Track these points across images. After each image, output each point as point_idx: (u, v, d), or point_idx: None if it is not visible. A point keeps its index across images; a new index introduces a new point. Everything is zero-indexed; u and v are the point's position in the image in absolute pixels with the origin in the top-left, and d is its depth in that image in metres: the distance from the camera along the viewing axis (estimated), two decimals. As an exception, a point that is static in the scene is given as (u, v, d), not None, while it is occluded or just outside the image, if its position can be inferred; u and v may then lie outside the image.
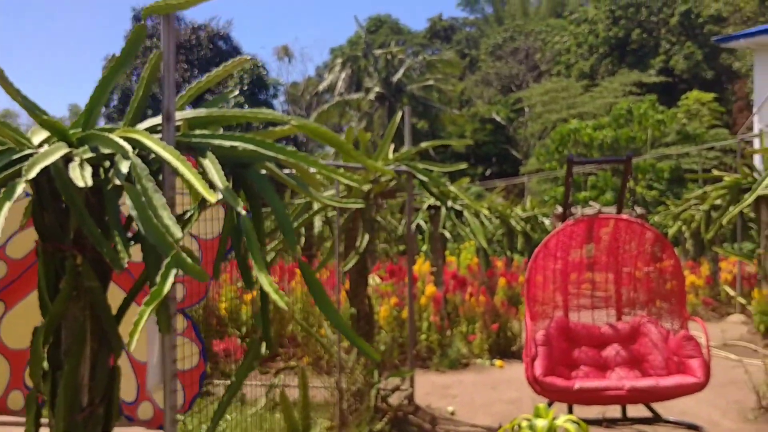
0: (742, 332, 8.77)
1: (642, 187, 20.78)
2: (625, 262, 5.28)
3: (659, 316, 5.16)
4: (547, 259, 5.16)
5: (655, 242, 5.03)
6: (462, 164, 5.56)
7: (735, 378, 6.80)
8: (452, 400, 6.36)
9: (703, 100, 27.41)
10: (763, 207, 8.06)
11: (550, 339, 4.97)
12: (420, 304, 7.96)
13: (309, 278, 2.65)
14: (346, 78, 40.25)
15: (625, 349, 5.14)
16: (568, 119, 29.08)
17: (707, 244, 11.41)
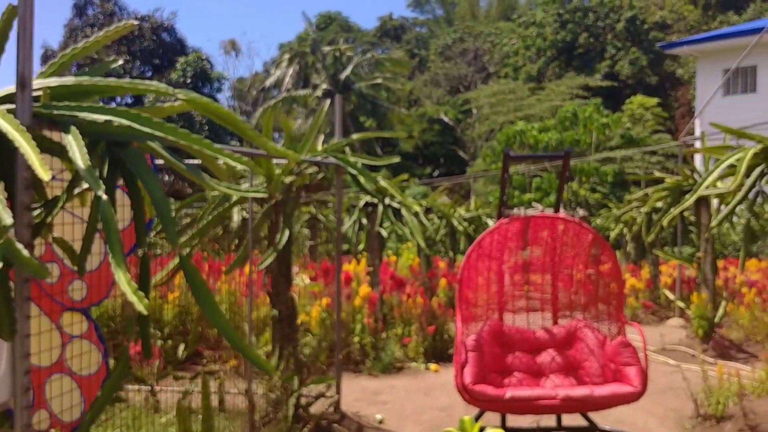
0: (681, 336, 8.67)
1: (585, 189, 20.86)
2: (562, 264, 5.02)
3: (597, 321, 4.91)
4: (480, 259, 4.86)
5: (594, 244, 4.78)
6: (394, 158, 5.22)
7: (673, 384, 6.63)
8: (382, 407, 6.02)
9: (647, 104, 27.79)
10: (704, 210, 7.96)
11: (482, 344, 4.67)
12: (354, 305, 7.61)
13: (191, 275, 2.27)
14: (293, 74, 39.69)
15: (560, 355, 4.87)
16: (515, 121, 29.16)
17: (648, 247, 11.35)
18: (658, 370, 7.26)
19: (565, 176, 4.79)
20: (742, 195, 4.83)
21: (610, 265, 4.75)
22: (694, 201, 5.14)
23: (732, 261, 16.52)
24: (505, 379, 4.74)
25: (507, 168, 4.78)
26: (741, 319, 8.71)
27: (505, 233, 4.87)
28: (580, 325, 4.91)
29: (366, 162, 5.26)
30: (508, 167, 4.78)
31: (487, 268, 4.97)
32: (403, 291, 8.46)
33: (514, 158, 4.76)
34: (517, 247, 5.02)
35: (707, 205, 7.76)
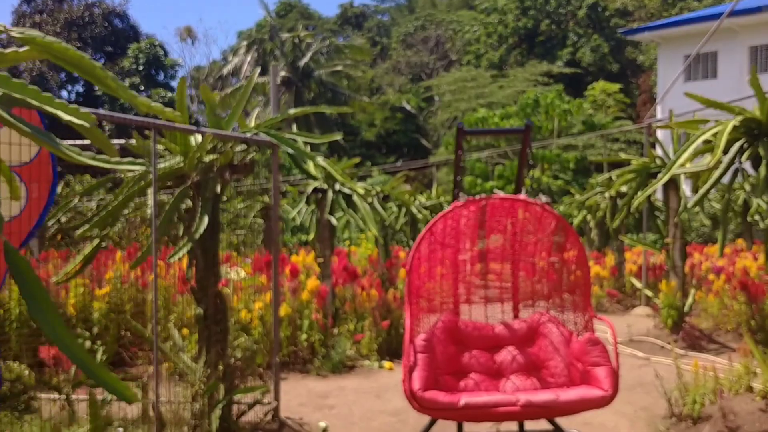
0: (648, 326, 8.26)
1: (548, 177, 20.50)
2: (524, 251, 4.50)
3: (561, 314, 4.40)
4: (432, 247, 4.31)
5: (558, 229, 4.27)
6: (337, 135, 4.64)
7: (643, 379, 6.19)
8: (328, 413, 5.45)
9: (609, 90, 27.59)
10: (672, 193, 7.53)
11: (435, 343, 4.13)
12: (301, 299, 7.02)
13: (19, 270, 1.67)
14: (251, 61, 38.72)
15: (521, 353, 4.35)
16: (477, 108, 28.73)
17: (613, 234, 10.95)
18: (626, 364, 6.81)
19: (526, 153, 4.26)
20: (720, 173, 4.35)
21: (576, 252, 4.24)
22: (664, 182, 4.64)
23: (696, 247, 16.29)
24: (461, 382, 4.21)
25: (461, 144, 4.23)
26: (710, 308, 8.34)
27: (459, 218, 4.32)
28: (543, 320, 4.39)
29: (304, 139, 4.68)
30: (461, 143, 4.23)
31: (440, 257, 4.42)
32: (357, 283, 7.90)
33: (468, 133, 4.22)
34: (474, 234, 4.47)
35: (676, 188, 7.32)
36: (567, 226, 4.25)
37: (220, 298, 4.55)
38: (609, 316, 10.28)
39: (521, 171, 4.37)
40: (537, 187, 20.67)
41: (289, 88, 37.00)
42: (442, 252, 4.43)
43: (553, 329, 4.30)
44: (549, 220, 4.30)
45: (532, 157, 4.19)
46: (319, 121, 36.50)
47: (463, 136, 4.21)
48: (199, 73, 47.86)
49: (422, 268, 4.31)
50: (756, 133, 4.40)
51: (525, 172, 4.34)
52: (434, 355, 3.99)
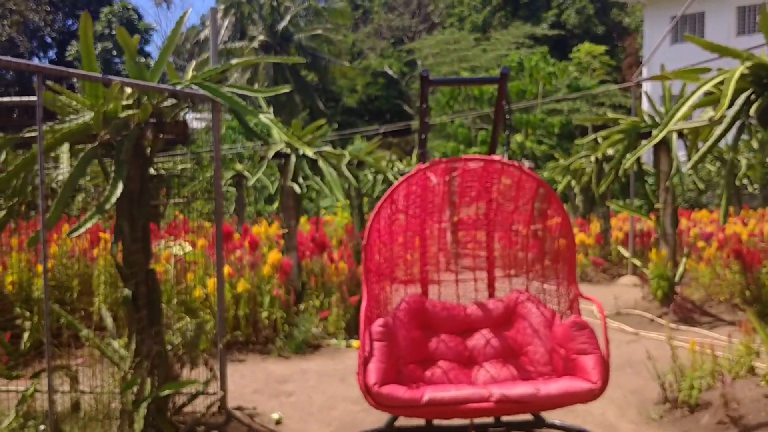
0: (636, 297, 7.76)
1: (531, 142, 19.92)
2: (500, 220, 3.94)
3: (543, 292, 3.85)
4: (395, 216, 3.73)
5: (539, 194, 3.70)
6: (285, 87, 4.01)
7: (632, 357, 5.69)
8: (285, 401, 4.91)
9: (594, 52, 26.93)
10: (663, 155, 6.98)
11: (397, 327, 3.58)
12: (262, 274, 6.44)
13: None
14: (229, 26, 37.64)
15: (497, 337, 3.80)
16: (460, 72, 27.99)
17: (598, 200, 10.42)
18: (614, 340, 6.29)
19: (502, 106, 3.66)
20: (724, 128, 3.78)
21: (560, 221, 3.67)
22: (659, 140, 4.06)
23: (683, 212, 15.83)
24: (427, 371, 3.66)
25: (426, 96, 3.63)
26: (701, 277, 7.85)
27: (425, 182, 3.74)
28: (521, 299, 3.84)
29: (243, 92, 4.05)
30: (427, 95, 3.63)
31: (404, 228, 3.84)
32: (328, 255, 7.33)
33: (434, 83, 3.62)
34: (443, 201, 3.89)
35: (667, 149, 6.76)
36: (550, 191, 3.67)
37: (152, 278, 3.96)
38: (594, 286, 9.80)
39: (497, 128, 3.78)
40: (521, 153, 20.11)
41: (267, 53, 35.95)
42: (407, 222, 3.85)
43: (533, 309, 3.75)
44: (529, 183, 3.73)
45: (509, 111, 3.60)
46: (298, 86, 35.60)
47: (429, 86, 3.60)
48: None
49: (382, 242, 3.74)
50: (766, 82, 3.82)
51: (502, 129, 3.75)
52: (395, 343, 3.43)
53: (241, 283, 6.16)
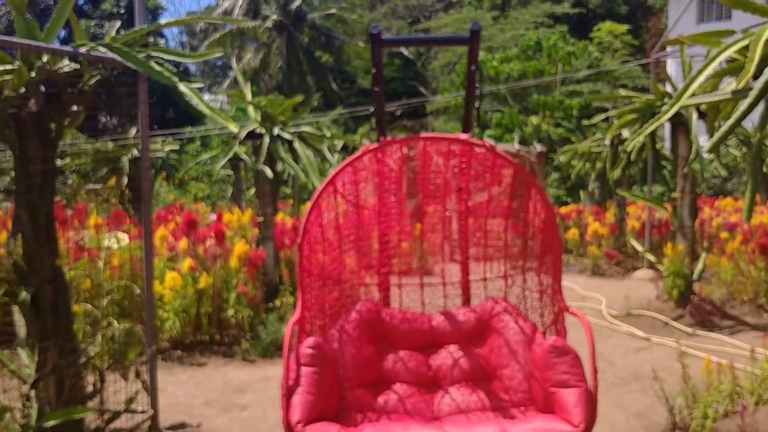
0: (650, 296, 7.01)
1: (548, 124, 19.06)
2: (472, 213, 3.25)
3: (522, 301, 3.17)
4: (336, 205, 3.05)
5: (518, 182, 3.01)
6: (217, 52, 3.36)
7: (640, 369, 4.98)
8: (236, 416, 4.28)
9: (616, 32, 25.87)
10: (681, 137, 6.22)
11: (343, 344, 2.92)
12: (229, 267, 5.81)
13: None
14: (242, 5, 36.88)
15: (467, 356, 3.13)
16: (476, 52, 27.01)
17: (612, 186, 9.64)
18: (621, 346, 5.62)
19: (473, 71, 2.95)
20: (750, 102, 3.04)
21: (543, 216, 2.96)
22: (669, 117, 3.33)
23: (706, 200, 14.96)
24: (380, 398, 3.00)
25: (380, 59, 2.93)
26: (723, 273, 7.08)
27: (377, 166, 3.05)
28: (497, 309, 3.15)
29: (175, 59, 3.39)
30: (380, 58, 2.93)
31: (353, 220, 3.17)
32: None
33: (388, 42, 2.93)
34: (400, 188, 3.21)
35: (685, 131, 6.00)
36: (530, 178, 2.97)
37: (59, 277, 3.33)
38: (606, 280, 9.07)
39: (469, 101, 3.07)
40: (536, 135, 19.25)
41: (280, 33, 35.23)
42: (354, 214, 3.17)
43: (511, 324, 3.06)
44: (505, 169, 3.02)
45: (480, 78, 2.90)
46: (312, 67, 34.88)
47: (382, 47, 2.91)
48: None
49: (326, 238, 3.07)
50: (804, 45, 3.07)
51: (473, 101, 3.05)
52: (332, 367, 2.77)
53: (204, 277, 5.53)
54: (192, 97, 3.00)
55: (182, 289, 5.53)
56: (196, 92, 3.02)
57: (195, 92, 3.01)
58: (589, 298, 7.66)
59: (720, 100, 3.36)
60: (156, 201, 14.82)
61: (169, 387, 4.89)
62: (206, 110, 2.97)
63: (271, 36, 35.34)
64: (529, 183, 2.96)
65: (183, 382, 5.02)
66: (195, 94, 3.01)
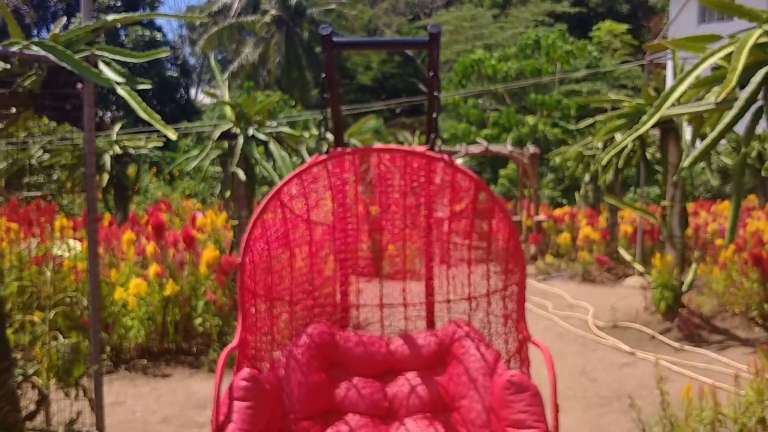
0: (639, 306, 6.78)
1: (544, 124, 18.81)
2: (433, 230, 3.02)
3: (487, 326, 2.94)
4: (293, 222, 2.83)
5: (478, 198, 2.78)
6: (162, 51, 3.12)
7: (622, 387, 4.75)
8: (194, 434, 4.07)
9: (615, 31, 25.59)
10: (672, 143, 5.99)
11: (290, 370, 2.70)
12: (198, 273, 5.59)
13: None
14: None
15: (425, 384, 2.90)
16: (474, 51, 26.81)
17: (604, 190, 9.42)
18: (605, 361, 5.39)
19: (436, 80, 2.71)
20: (735, 113, 2.82)
21: (507, 236, 2.73)
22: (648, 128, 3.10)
23: (703, 204, 14.72)
24: (329, 429, 2.78)
25: (331, 63, 2.70)
26: (715, 283, 6.85)
27: (328, 178, 2.82)
28: (459, 334, 2.92)
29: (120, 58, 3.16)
30: (332, 62, 2.71)
31: (305, 236, 2.94)
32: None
33: (339, 45, 2.70)
34: (356, 203, 2.98)
35: (676, 137, 5.77)
36: (492, 196, 2.74)
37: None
38: (597, 287, 8.84)
39: (430, 111, 2.84)
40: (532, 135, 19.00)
41: (279, 27, 34.99)
42: (309, 230, 2.95)
43: (472, 351, 2.83)
44: (466, 184, 2.79)
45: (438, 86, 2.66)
46: (311, 63, 34.63)
47: (333, 49, 2.68)
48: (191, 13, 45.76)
49: (273, 255, 2.84)
50: (793, 53, 2.85)
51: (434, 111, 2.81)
52: (270, 400, 2.55)
53: (170, 284, 5.31)
54: (129, 99, 2.78)
55: (148, 296, 5.32)
56: (134, 95, 2.79)
57: (132, 95, 2.79)
58: (577, 307, 7.44)
59: (704, 111, 3.13)
60: (144, 197, 14.62)
61: (128, 400, 4.68)
62: (143, 114, 2.75)
63: (270, 31, 35.09)
64: (491, 200, 2.73)
65: (144, 395, 4.81)
66: (132, 97, 2.78)
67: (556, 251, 11.00)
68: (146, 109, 2.74)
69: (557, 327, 6.59)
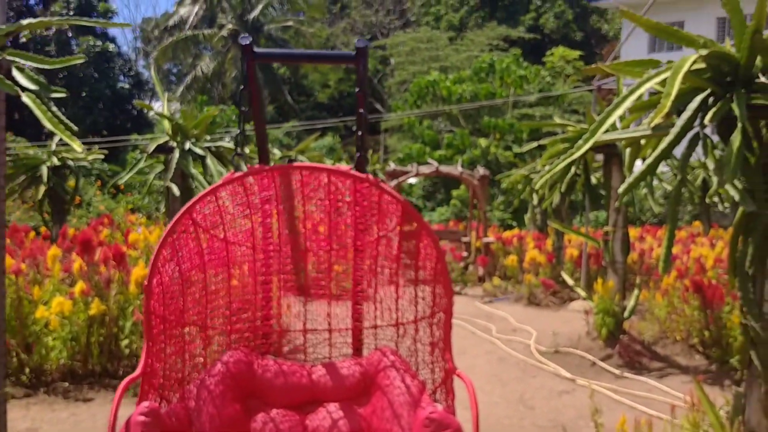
0: (581, 331, 6.73)
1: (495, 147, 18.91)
2: (361, 254, 2.88)
3: (414, 354, 2.80)
4: (211, 243, 2.66)
5: (406, 221, 2.65)
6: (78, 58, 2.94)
7: (560, 416, 4.65)
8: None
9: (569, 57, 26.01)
10: (614, 169, 5.98)
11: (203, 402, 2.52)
12: (128, 292, 5.34)
13: None
14: (199, 12, 36.26)
15: (347, 417, 2.74)
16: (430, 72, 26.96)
17: (550, 214, 9.42)
18: (544, 388, 5.30)
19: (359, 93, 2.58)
20: (670, 141, 2.75)
21: (434, 261, 2.61)
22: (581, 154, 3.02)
23: (650, 229, 14.91)
24: (241, 465, 2.60)
25: (252, 75, 2.56)
26: (657, 309, 6.85)
27: (246, 196, 2.66)
28: (385, 363, 2.77)
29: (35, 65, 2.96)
30: (253, 73, 2.56)
31: (221, 258, 2.77)
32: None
33: (260, 56, 2.56)
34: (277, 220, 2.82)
35: (619, 162, 5.77)
36: (419, 220, 2.61)
37: None
38: (542, 310, 8.80)
39: (359, 127, 2.70)
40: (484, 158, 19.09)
41: (236, 42, 34.64)
42: (227, 251, 2.78)
43: (397, 382, 2.68)
44: (393, 206, 2.66)
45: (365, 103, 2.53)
46: (268, 79, 34.36)
47: (253, 60, 2.54)
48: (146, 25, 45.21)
49: (185, 278, 2.66)
50: (729, 80, 2.80)
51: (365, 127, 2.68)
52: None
53: (96, 303, 5.05)
54: (35, 108, 2.58)
55: (73, 315, 5.05)
56: (39, 104, 2.60)
57: (37, 104, 2.59)
58: (521, 331, 7.37)
59: (639, 136, 3.07)
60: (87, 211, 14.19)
61: (44, 426, 4.41)
62: (48, 123, 2.56)
63: (226, 45, 34.76)
64: (419, 224, 2.60)
65: (62, 420, 4.54)
66: (37, 105, 2.59)
67: (504, 273, 10.96)
68: (51, 119, 2.55)
69: (500, 351, 6.49)
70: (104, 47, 28.23)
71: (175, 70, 43.68)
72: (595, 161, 7.52)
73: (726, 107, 2.69)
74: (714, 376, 5.54)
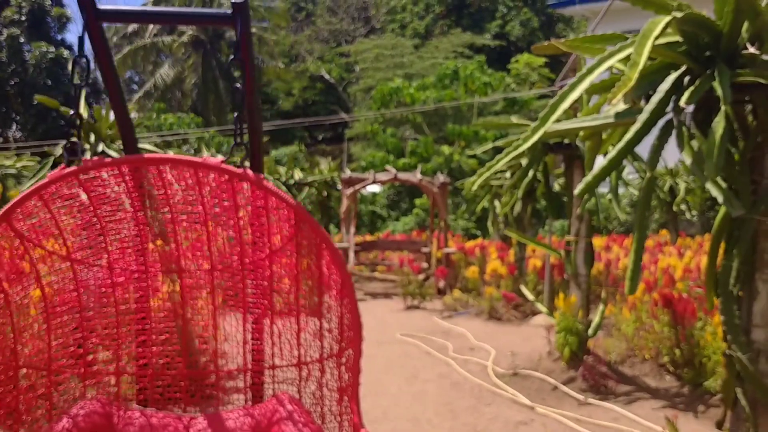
0: (542, 351, 6.19)
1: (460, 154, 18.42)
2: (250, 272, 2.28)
3: (319, 402, 2.21)
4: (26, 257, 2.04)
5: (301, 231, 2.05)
6: None
7: (514, 454, 4.08)
8: None
9: (534, 64, 25.69)
10: (576, 173, 5.45)
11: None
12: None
13: None
14: (158, 19, 35.32)
15: (233, 482, 2.15)
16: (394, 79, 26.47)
17: (512, 222, 8.89)
18: (499, 418, 4.72)
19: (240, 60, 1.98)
20: (637, 129, 2.20)
21: (339, 283, 2.01)
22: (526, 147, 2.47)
23: (616, 238, 14.49)
24: None
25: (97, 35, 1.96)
26: (624, 325, 6.34)
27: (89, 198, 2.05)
28: (281, 414, 2.17)
29: None
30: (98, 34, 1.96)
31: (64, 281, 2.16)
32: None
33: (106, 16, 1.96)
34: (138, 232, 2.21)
35: (582, 164, 5.24)
36: (316, 227, 2.01)
37: None
38: (502, 326, 8.25)
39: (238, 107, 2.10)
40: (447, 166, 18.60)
41: (197, 50, 33.90)
42: (71, 271, 2.16)
43: (293, 435, 2.08)
44: (284, 212, 2.06)
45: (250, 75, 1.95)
46: (229, 87, 33.60)
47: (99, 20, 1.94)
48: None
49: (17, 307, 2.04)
50: (709, 55, 2.26)
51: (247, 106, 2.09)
52: None
53: None
54: None
55: None
56: None
57: None
58: (479, 350, 6.80)
59: (600, 125, 2.51)
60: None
61: None
62: None
63: (186, 52, 33.96)
64: (317, 235, 2.00)
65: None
66: None
67: (465, 286, 10.41)
68: None
69: (454, 374, 5.91)
70: (58, 53, 27.26)
71: (137, 78, 42.68)
72: (560, 168, 7.02)
73: (705, 87, 2.15)
74: (686, 401, 5.02)
